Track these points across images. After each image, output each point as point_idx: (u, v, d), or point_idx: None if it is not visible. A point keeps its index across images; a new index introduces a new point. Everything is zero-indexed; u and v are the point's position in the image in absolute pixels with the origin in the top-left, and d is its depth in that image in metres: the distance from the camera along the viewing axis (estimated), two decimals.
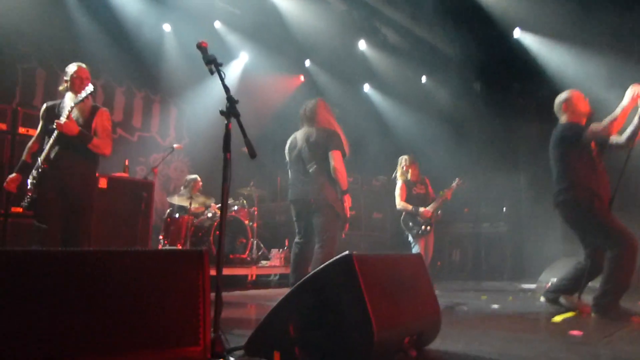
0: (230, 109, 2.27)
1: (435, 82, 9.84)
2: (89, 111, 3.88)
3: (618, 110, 3.73)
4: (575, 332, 3.14)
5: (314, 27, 7.52)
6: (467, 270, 8.93)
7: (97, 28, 6.88)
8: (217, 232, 6.58)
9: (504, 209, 9.18)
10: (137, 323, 1.59)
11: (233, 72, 8.51)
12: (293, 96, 9.13)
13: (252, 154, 2.28)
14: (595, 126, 3.80)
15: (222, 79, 2.37)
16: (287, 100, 9.02)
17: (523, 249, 8.76)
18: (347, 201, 4.23)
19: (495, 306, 4.69)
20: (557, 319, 3.75)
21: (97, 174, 4.97)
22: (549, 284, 6.41)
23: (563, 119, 4.15)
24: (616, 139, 3.89)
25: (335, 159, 4.11)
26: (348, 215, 4.24)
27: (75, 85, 3.82)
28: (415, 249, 6.12)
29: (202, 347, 1.61)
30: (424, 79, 9.89)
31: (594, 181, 3.89)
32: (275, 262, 7.10)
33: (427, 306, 2.55)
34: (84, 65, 3.93)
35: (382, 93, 9.91)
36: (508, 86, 9.56)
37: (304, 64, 8.96)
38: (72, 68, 3.89)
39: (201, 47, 2.46)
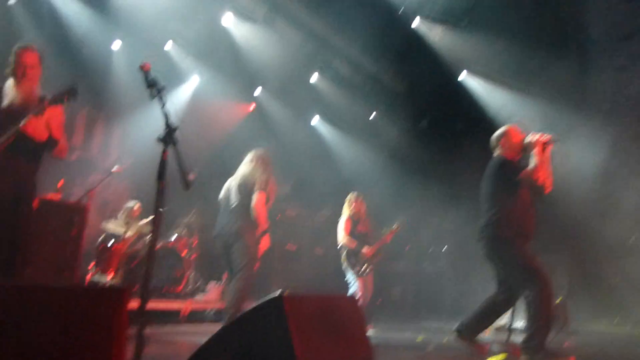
0: (168, 136, 2.18)
1: (383, 117, 10.03)
2: (37, 103, 3.27)
3: (535, 160, 3.88)
4: None
5: (268, 56, 7.53)
6: (407, 308, 8.94)
7: (42, 39, 6.60)
8: (155, 264, 6.32)
9: (445, 247, 9.35)
10: None
11: (183, 95, 8.35)
12: (243, 123, 9.05)
13: (187, 185, 2.19)
14: (528, 172, 3.89)
15: (162, 105, 2.28)
16: (237, 127, 8.93)
17: (463, 287, 8.90)
18: (264, 242, 4.48)
19: (431, 348, 4.68)
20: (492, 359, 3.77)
21: None
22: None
23: (499, 153, 4.21)
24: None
25: (257, 200, 4.38)
26: (259, 255, 4.47)
27: (18, 74, 3.32)
28: (354, 287, 6.05)
29: None
30: (372, 114, 10.06)
31: (521, 219, 3.96)
32: (211, 296, 6.83)
33: (360, 349, 2.49)
34: (32, 48, 3.39)
35: (332, 125, 9.99)
36: (453, 125, 9.88)
37: (255, 92, 8.92)
38: (16, 50, 3.34)
39: (143, 70, 2.36)
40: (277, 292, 2.06)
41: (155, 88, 2.30)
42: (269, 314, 2.00)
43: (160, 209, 2.09)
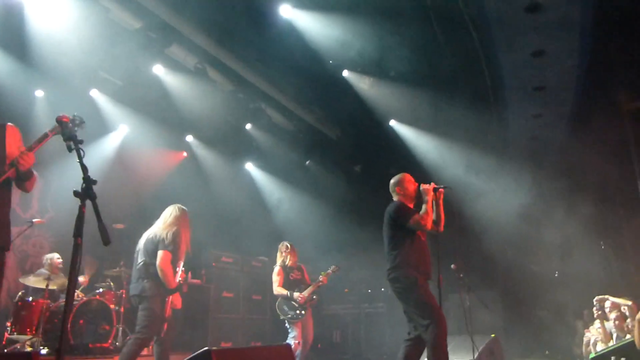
0: (86, 191, 2.10)
1: (318, 163, 10.17)
2: None
3: (425, 207, 4.26)
4: None
5: (199, 104, 7.50)
6: (349, 352, 8.86)
7: None
8: (80, 318, 5.94)
9: (383, 289, 9.41)
10: None
11: (110, 144, 8.11)
12: (175, 171, 8.88)
13: (106, 241, 2.10)
14: (418, 216, 4.21)
15: (80, 158, 2.21)
16: (167, 175, 8.74)
17: (403, 329, 8.93)
18: (175, 301, 4.54)
19: None
20: None
21: None
22: None
23: (395, 198, 4.52)
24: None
25: (161, 259, 4.37)
26: (167, 315, 4.47)
27: None
28: (293, 334, 6.03)
29: None
30: (306, 160, 10.18)
31: (420, 259, 4.26)
32: (143, 351, 6.47)
33: None
34: None
35: (265, 172, 10.01)
36: (387, 170, 10.14)
37: (186, 139, 8.81)
38: None
39: (61, 122, 2.30)
40: (205, 348, 1.98)
41: (73, 141, 2.23)
42: None
43: (77, 266, 1.98)
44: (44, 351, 5.56)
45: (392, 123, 9.02)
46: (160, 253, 4.42)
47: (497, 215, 8.43)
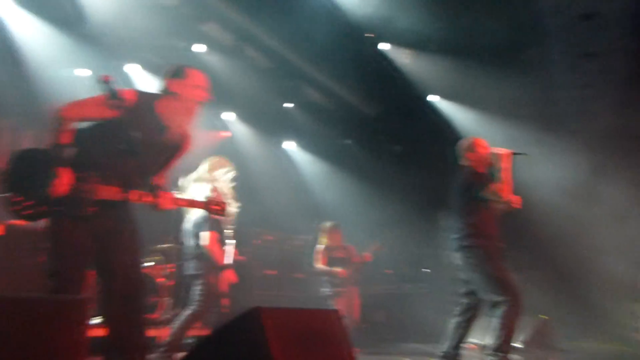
0: (132, 147, 2.06)
1: (358, 143, 10.04)
2: None
3: (501, 175, 4.01)
4: None
5: (236, 83, 7.48)
6: (392, 332, 8.78)
7: (5, 70, 6.46)
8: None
9: (426, 269, 9.27)
10: None
11: None
12: (214, 150, 8.92)
13: (154, 194, 2.07)
14: (495, 187, 3.99)
15: (119, 113, 2.17)
16: (208, 154, 8.79)
17: (446, 309, 8.78)
18: (229, 275, 4.66)
19: None
20: None
21: None
22: (471, 345, 6.42)
23: (466, 164, 4.28)
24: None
25: (208, 239, 4.48)
26: (224, 290, 4.67)
27: None
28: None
29: None
30: (345, 139, 10.07)
31: (491, 230, 4.09)
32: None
33: None
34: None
35: (305, 151, 9.95)
36: (428, 149, 9.94)
37: (224, 118, 8.80)
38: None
39: (103, 81, 2.29)
40: (255, 306, 1.92)
41: (117, 99, 2.19)
42: (247, 327, 1.86)
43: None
44: (97, 320, 5.71)
45: (433, 98, 8.77)
46: (206, 234, 4.51)
47: (546, 192, 8.11)
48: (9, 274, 4.58)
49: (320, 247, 6.50)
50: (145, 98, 2.70)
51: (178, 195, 2.87)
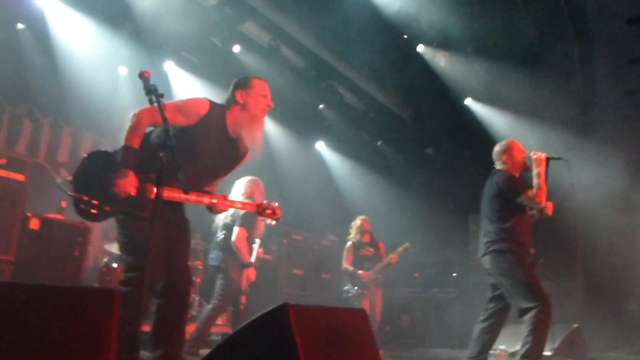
0: (166, 141, 2.12)
1: (389, 145, 10.00)
2: None
3: (538, 181, 3.90)
4: None
5: (271, 83, 7.52)
6: (416, 337, 8.71)
7: (48, 64, 6.66)
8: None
9: (454, 274, 9.16)
10: None
11: None
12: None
13: (185, 190, 2.13)
14: (532, 192, 3.90)
15: (161, 111, 2.24)
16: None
17: (472, 314, 8.67)
18: (249, 274, 4.73)
19: None
20: None
21: (29, 214, 4.67)
22: (497, 351, 6.34)
23: (501, 168, 4.20)
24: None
25: (237, 235, 4.61)
26: (244, 288, 4.76)
27: None
28: None
29: None
30: (379, 142, 10.03)
31: (526, 237, 4.00)
32: (217, 321, 6.68)
33: None
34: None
35: (336, 152, 9.96)
36: (459, 152, 9.82)
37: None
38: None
39: (143, 77, 2.33)
40: (283, 302, 1.95)
41: (154, 94, 2.26)
42: (274, 323, 1.89)
43: (157, 214, 2.01)
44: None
45: (468, 102, 8.67)
46: (236, 229, 4.64)
47: (582, 199, 7.90)
48: (45, 266, 4.70)
49: (349, 244, 6.49)
50: (215, 108, 2.77)
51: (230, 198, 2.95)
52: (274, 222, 3.21)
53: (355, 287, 6.16)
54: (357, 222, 6.58)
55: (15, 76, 6.45)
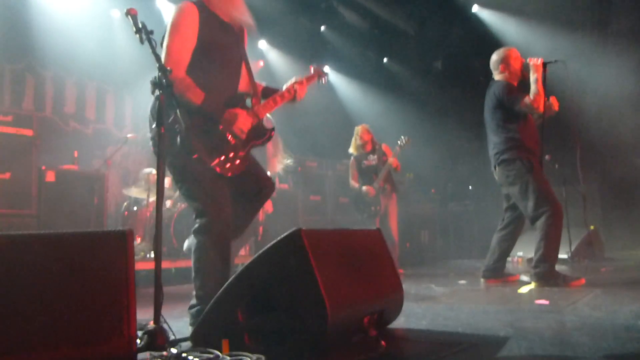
0: (162, 79, 2.07)
1: (396, 62, 9.74)
2: None
3: (535, 86, 3.84)
4: (541, 302, 3.08)
5: (271, 8, 7.26)
6: (436, 251, 8.91)
7: (41, 18, 6.49)
8: (182, 223, 6.32)
9: (470, 187, 9.20)
10: (47, 317, 1.40)
11: None
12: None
13: (187, 127, 2.11)
14: (529, 99, 3.86)
15: (152, 48, 2.17)
16: None
17: (490, 226, 8.78)
18: (265, 205, 4.92)
19: (462, 282, 4.63)
20: (523, 290, 3.71)
21: (43, 167, 4.74)
22: (516, 258, 6.47)
23: (498, 77, 4.18)
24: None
25: None
26: (260, 219, 5.05)
27: None
28: None
29: (127, 339, 1.43)
30: (385, 59, 9.76)
31: (532, 142, 4.01)
32: (240, 252, 6.88)
33: (388, 283, 2.42)
34: None
35: (342, 74, 9.74)
36: (469, 63, 9.54)
37: (258, 46, 8.63)
38: None
39: (130, 15, 2.24)
40: (296, 228, 1.98)
41: (143, 32, 2.18)
42: (289, 251, 1.93)
43: (163, 155, 2.01)
44: (152, 255, 6.07)
45: (475, 9, 8.28)
46: None
47: (596, 102, 7.72)
48: (67, 216, 4.82)
49: (351, 159, 6.13)
50: (198, 5, 2.64)
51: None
52: (324, 81, 3.22)
53: (368, 207, 5.79)
54: (356, 130, 6.15)
55: (10, 34, 6.33)
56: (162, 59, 2.42)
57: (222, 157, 2.52)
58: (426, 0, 8.26)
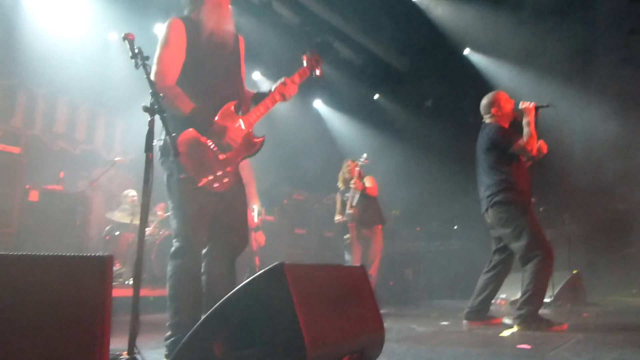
0: (155, 105, 2.08)
1: (387, 98, 9.88)
2: None
3: (528, 129, 3.91)
4: (523, 346, 3.05)
5: (265, 40, 7.38)
6: (420, 290, 8.85)
7: (37, 36, 6.51)
8: (164, 251, 6.23)
9: (455, 227, 9.21)
10: (14, 344, 1.35)
11: None
12: None
13: (176, 153, 2.10)
14: (523, 142, 3.92)
15: (147, 73, 2.19)
16: None
17: (475, 266, 8.77)
18: (257, 237, 5.03)
19: (445, 323, 4.59)
20: (505, 333, 3.68)
21: (27, 186, 4.67)
22: (499, 300, 6.44)
23: (490, 120, 4.22)
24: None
25: None
26: (254, 249, 4.93)
27: None
28: (346, 258, 5.76)
29: None
30: (376, 95, 9.90)
31: (525, 185, 4.03)
32: None
33: (370, 321, 2.38)
34: None
35: (334, 109, 9.85)
36: (459, 103, 9.71)
37: (252, 77, 8.72)
38: None
39: (127, 39, 2.27)
40: (279, 262, 1.95)
41: (139, 57, 2.20)
42: (270, 285, 1.90)
43: (149, 180, 2.00)
44: (131, 282, 5.96)
45: (467, 52, 8.49)
46: None
47: (581, 146, 7.87)
48: (47, 237, 4.74)
49: (337, 194, 6.13)
50: (185, 19, 2.72)
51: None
52: (318, 72, 3.10)
53: (344, 236, 5.70)
54: (343, 166, 6.11)
55: (5, 50, 6.33)
56: (153, 72, 2.51)
57: (211, 177, 2.53)
58: (419, 41, 8.45)
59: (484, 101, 4.29)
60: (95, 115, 7.84)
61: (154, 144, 2.12)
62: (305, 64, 3.03)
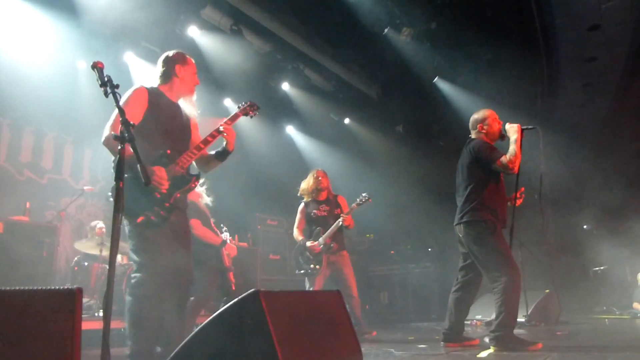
0: (125, 133, 2.06)
1: (358, 124, 10.00)
2: None
3: (514, 147, 3.93)
4: None
5: (236, 67, 7.40)
6: (396, 313, 8.84)
7: (3, 64, 6.39)
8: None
9: (430, 249, 9.28)
10: None
11: None
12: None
13: (146, 181, 2.08)
14: (505, 159, 3.92)
15: (116, 101, 2.17)
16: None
17: (450, 288, 8.82)
18: (229, 251, 4.95)
19: (422, 346, 4.58)
20: (482, 354, 3.69)
21: None
22: (474, 321, 6.48)
23: (476, 136, 4.25)
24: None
25: (194, 228, 4.59)
26: (227, 265, 4.86)
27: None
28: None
29: None
30: (346, 120, 10.01)
31: (499, 205, 4.04)
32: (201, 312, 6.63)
33: (345, 346, 2.37)
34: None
35: (305, 134, 9.91)
36: (429, 128, 9.90)
37: (224, 104, 8.72)
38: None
39: (96, 68, 2.25)
40: (254, 289, 1.93)
41: (108, 86, 2.19)
42: (247, 310, 1.87)
43: (120, 209, 1.96)
44: (101, 313, 5.78)
45: (436, 80, 8.68)
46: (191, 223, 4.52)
47: (547, 171, 8.09)
48: (13, 269, 4.59)
49: (301, 205, 5.48)
50: (150, 88, 3.08)
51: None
52: (252, 114, 3.46)
53: (308, 264, 5.14)
54: (312, 175, 5.48)
55: None
56: (109, 122, 2.87)
57: (147, 213, 2.78)
58: (390, 67, 8.61)
59: (474, 116, 4.31)
60: (63, 144, 7.69)
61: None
62: (237, 110, 3.41)
